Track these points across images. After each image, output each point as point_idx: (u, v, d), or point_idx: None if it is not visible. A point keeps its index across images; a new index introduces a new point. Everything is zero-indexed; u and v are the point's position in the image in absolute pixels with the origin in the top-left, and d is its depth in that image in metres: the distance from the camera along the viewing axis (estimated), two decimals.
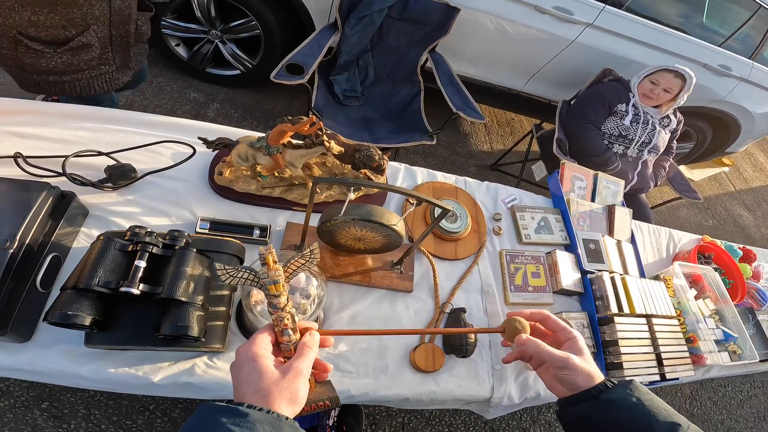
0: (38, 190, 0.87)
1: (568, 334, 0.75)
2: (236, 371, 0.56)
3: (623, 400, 0.64)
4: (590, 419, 0.66)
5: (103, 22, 1.47)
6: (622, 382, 0.67)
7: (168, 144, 1.19)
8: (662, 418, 0.62)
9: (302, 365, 0.56)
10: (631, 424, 0.63)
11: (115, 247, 0.80)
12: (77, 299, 0.75)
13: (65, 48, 1.42)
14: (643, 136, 2.37)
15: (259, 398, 0.51)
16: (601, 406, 0.65)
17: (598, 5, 2.44)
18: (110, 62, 1.56)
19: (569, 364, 0.69)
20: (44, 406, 1.55)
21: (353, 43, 2.29)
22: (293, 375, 0.54)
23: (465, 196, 1.47)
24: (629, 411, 0.63)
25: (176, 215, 1.09)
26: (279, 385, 0.52)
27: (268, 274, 0.60)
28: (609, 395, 0.65)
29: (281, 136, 1.02)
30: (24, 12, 1.29)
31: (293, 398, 0.53)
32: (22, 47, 1.37)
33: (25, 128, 1.11)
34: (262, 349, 0.57)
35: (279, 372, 0.54)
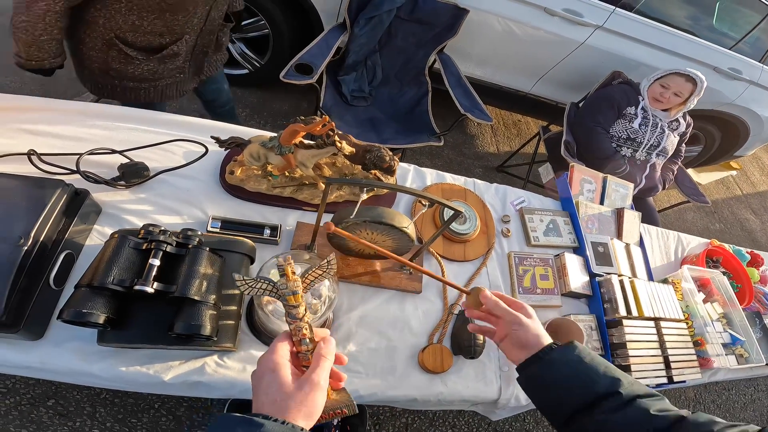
0: (53, 187, 0.88)
1: (520, 304, 0.84)
2: (257, 381, 0.56)
3: (565, 359, 0.74)
4: (541, 377, 0.75)
5: (195, 32, 1.51)
6: (565, 344, 0.76)
7: (179, 143, 1.20)
8: (603, 374, 0.71)
9: (319, 377, 0.56)
10: (574, 379, 0.72)
11: (130, 246, 0.80)
12: (91, 297, 0.75)
13: (157, 56, 1.45)
14: (651, 140, 2.36)
15: (276, 410, 0.51)
16: (547, 365, 0.74)
17: (609, 8, 2.43)
18: (185, 71, 1.60)
19: (521, 321, 0.79)
20: (50, 404, 1.55)
21: (362, 44, 2.29)
22: (310, 388, 0.54)
23: (474, 198, 1.47)
24: (572, 368, 0.72)
25: (188, 214, 1.10)
26: (296, 398, 0.53)
27: (287, 284, 0.61)
28: (553, 356, 0.74)
29: (293, 136, 1.02)
30: (130, 16, 1.31)
31: (309, 412, 0.53)
32: (114, 51, 1.39)
33: (38, 125, 1.12)
34: (282, 358, 0.57)
35: (296, 385, 0.54)
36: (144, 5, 1.30)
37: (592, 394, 0.69)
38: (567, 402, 0.71)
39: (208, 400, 1.71)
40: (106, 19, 1.31)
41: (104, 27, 1.33)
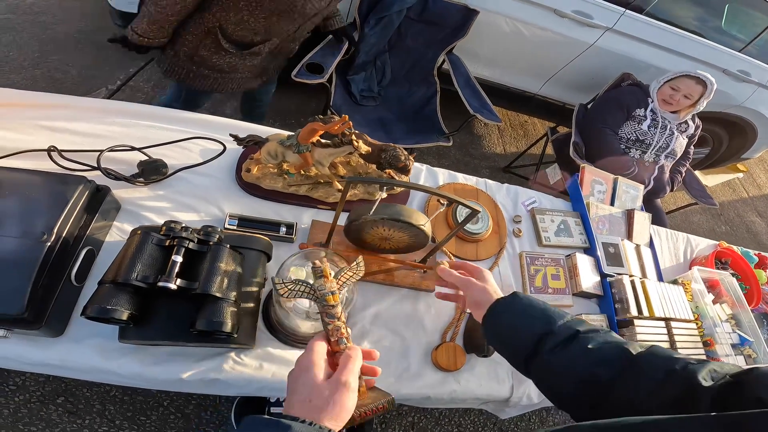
0: (75, 183, 0.88)
1: (477, 269, 0.93)
2: (292, 380, 0.57)
3: (509, 308, 0.80)
4: (493, 329, 0.82)
5: (283, 38, 1.58)
6: (508, 296, 0.82)
7: (196, 140, 1.21)
8: (540, 315, 0.76)
9: (347, 377, 0.56)
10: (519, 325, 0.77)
11: (153, 242, 0.81)
12: (115, 293, 0.75)
13: (245, 52, 1.53)
14: (660, 141, 2.36)
15: (305, 410, 0.52)
16: (496, 316, 0.81)
17: (619, 9, 2.43)
18: (254, 70, 1.67)
19: (470, 283, 0.88)
20: (60, 401, 1.55)
21: (371, 44, 2.30)
22: (337, 389, 0.54)
23: (486, 198, 1.48)
24: (515, 314, 0.79)
25: (205, 211, 1.11)
26: (324, 398, 0.53)
27: (325, 285, 0.61)
28: (498, 307, 0.81)
29: (312, 134, 1.03)
30: (242, 12, 1.38)
31: (338, 414, 0.53)
32: (210, 39, 1.46)
33: (57, 122, 1.12)
34: (318, 358, 0.58)
35: (326, 385, 0.55)
36: (264, 6, 1.37)
37: (534, 336, 0.73)
38: (518, 348, 0.76)
39: (216, 398, 1.71)
40: (219, 8, 1.38)
41: (214, 16, 1.40)
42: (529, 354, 0.73)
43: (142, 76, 2.57)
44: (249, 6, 1.37)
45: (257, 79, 1.77)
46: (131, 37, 1.40)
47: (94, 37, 2.65)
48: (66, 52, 2.52)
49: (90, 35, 2.65)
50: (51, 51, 2.47)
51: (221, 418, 1.69)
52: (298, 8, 1.42)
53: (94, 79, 2.44)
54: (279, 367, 0.96)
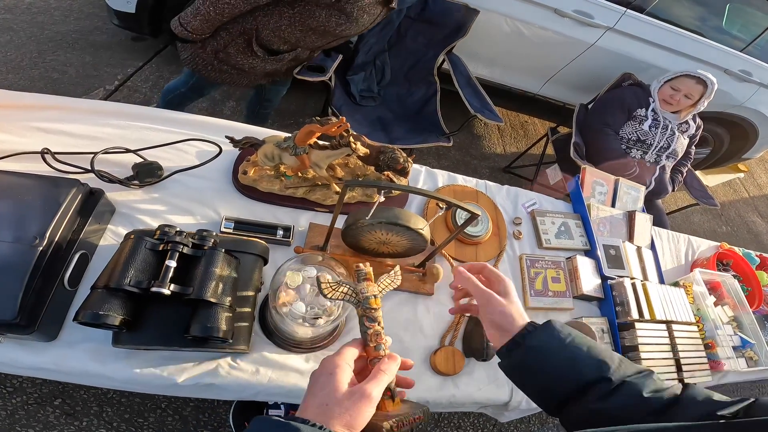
0: (68, 186, 0.87)
1: (499, 279, 0.76)
2: (313, 381, 0.55)
3: (545, 346, 0.66)
4: (522, 365, 0.68)
5: (308, 50, 1.64)
6: (542, 325, 0.68)
7: (192, 142, 1.19)
8: (588, 356, 0.64)
9: (373, 390, 0.53)
10: (559, 367, 0.65)
11: (146, 247, 0.79)
12: (108, 299, 0.75)
13: (270, 57, 1.58)
14: (661, 142, 2.35)
15: (320, 413, 0.50)
16: (527, 352, 0.66)
17: (620, 9, 2.42)
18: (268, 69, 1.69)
19: (491, 299, 0.71)
20: (57, 403, 1.54)
21: (371, 44, 2.29)
22: (359, 398, 0.51)
23: (486, 200, 1.46)
24: (554, 353, 0.65)
25: (201, 214, 1.09)
26: (342, 404, 0.50)
27: (367, 289, 0.61)
28: (531, 342, 0.66)
29: (309, 136, 1.01)
30: (282, 22, 1.44)
31: (351, 423, 0.50)
32: (242, 40, 1.51)
33: (51, 124, 1.11)
34: (344, 362, 0.56)
35: (348, 392, 0.52)
36: (305, 22, 1.43)
37: (579, 382, 0.63)
38: (555, 390, 0.66)
39: (215, 400, 1.70)
40: (263, 14, 1.43)
41: (255, 20, 1.45)
42: (567, 398, 0.65)
43: (140, 76, 2.56)
44: (292, 19, 1.42)
45: (267, 78, 1.78)
46: (180, 32, 1.44)
47: (92, 37, 2.64)
48: (64, 52, 2.51)
49: (88, 35, 2.64)
50: (48, 51, 2.45)
51: (219, 421, 1.68)
52: (335, 31, 1.48)
53: (91, 80, 2.42)
54: (275, 372, 0.95)
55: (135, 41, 2.71)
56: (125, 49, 2.66)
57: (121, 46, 2.65)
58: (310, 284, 0.89)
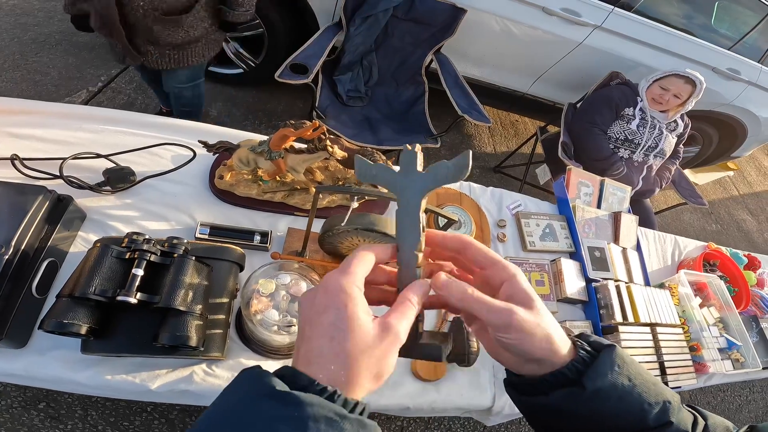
0: (34, 193, 0.86)
1: (504, 270, 0.44)
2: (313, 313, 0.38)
3: (615, 387, 0.43)
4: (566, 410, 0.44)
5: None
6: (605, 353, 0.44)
7: (168, 146, 1.17)
8: (653, 398, 0.45)
9: (402, 329, 0.39)
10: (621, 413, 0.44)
11: (112, 255, 0.78)
12: (73, 307, 0.73)
13: None
14: (649, 141, 2.34)
15: (338, 366, 0.35)
16: (586, 396, 0.42)
17: (607, 7, 2.41)
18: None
19: (514, 323, 0.41)
20: (41, 407, 1.53)
21: (357, 43, 2.27)
22: (392, 341, 0.38)
23: (469, 202, 1.45)
24: (621, 399, 0.44)
25: (176, 220, 1.08)
26: (371, 352, 0.36)
27: None
28: (597, 383, 0.42)
29: (283, 141, 0.99)
30: None
31: (380, 373, 0.38)
32: None
33: (22, 129, 1.09)
34: (356, 286, 0.39)
35: (375, 331, 0.37)
36: None
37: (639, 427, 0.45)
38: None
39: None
40: None
41: None
42: None
43: (124, 78, 2.53)
44: None
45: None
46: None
47: (76, 38, 2.61)
48: (47, 53, 2.48)
49: (71, 37, 2.61)
50: (31, 53, 2.42)
51: None
52: None
53: (75, 81, 2.40)
54: None
55: None
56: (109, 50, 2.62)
57: (104, 48, 2.61)
58: (284, 291, 0.87)
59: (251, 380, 0.35)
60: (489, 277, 0.45)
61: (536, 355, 0.43)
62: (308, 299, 0.39)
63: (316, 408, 0.32)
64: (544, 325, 0.42)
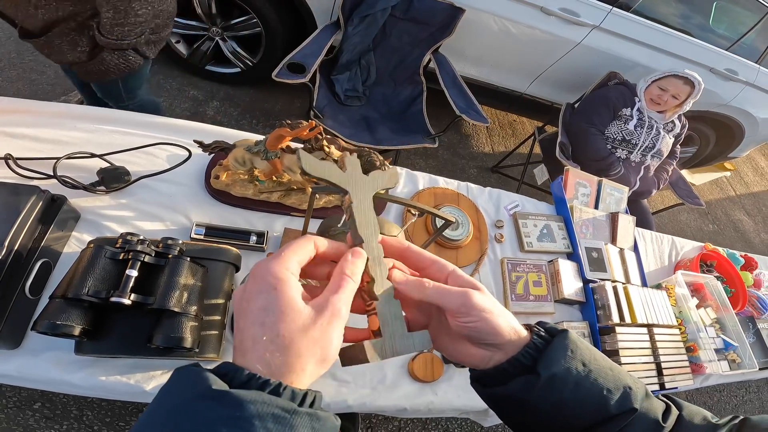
0: (27, 194, 0.85)
1: (443, 267, 0.46)
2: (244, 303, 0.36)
3: (569, 372, 0.44)
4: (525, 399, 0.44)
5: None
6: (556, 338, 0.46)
7: (163, 146, 1.16)
8: (612, 384, 0.45)
9: (341, 303, 0.37)
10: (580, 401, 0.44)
11: (106, 255, 0.77)
12: (66, 308, 0.73)
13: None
14: (647, 141, 2.34)
15: (273, 352, 0.33)
16: (542, 383, 0.43)
17: (606, 7, 2.41)
18: None
19: (472, 302, 0.42)
20: (36, 407, 1.53)
21: (355, 43, 2.26)
22: (329, 318, 0.36)
23: (467, 203, 1.45)
24: (578, 385, 0.44)
25: (171, 220, 1.07)
26: (308, 332, 0.34)
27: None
28: (552, 369, 0.43)
29: (279, 140, 0.99)
30: None
31: (324, 354, 0.35)
32: None
33: (17, 128, 1.08)
34: (288, 271, 0.37)
35: (310, 311, 0.36)
36: None
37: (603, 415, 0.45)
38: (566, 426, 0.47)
39: None
40: None
41: None
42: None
43: None
44: None
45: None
46: None
47: None
48: None
49: None
50: (27, 51, 2.41)
51: None
52: None
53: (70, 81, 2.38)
54: None
55: None
56: None
57: None
58: None
59: (188, 380, 0.32)
60: (431, 275, 0.46)
61: (499, 334, 0.44)
62: (239, 291, 0.38)
63: (260, 405, 0.30)
64: (500, 306, 0.45)
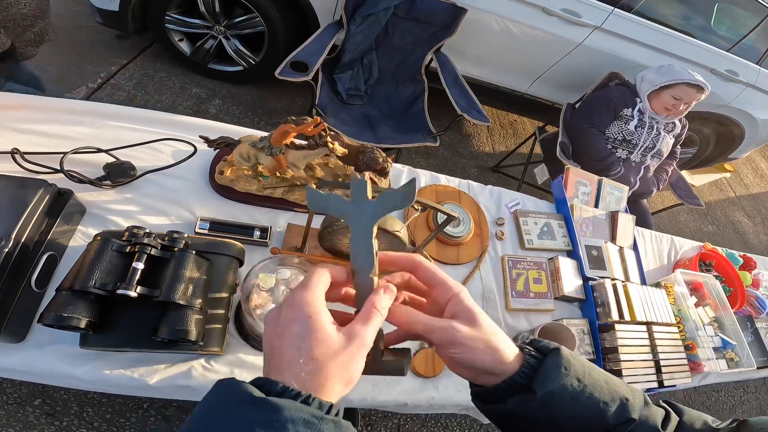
0: (35, 187, 0.86)
1: (448, 290, 0.48)
2: (280, 328, 0.41)
3: (565, 389, 0.47)
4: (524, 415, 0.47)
5: None
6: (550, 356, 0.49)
7: (168, 141, 1.17)
8: (609, 397, 0.48)
9: (368, 334, 0.41)
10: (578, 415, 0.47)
11: (113, 248, 0.78)
12: (73, 301, 0.73)
13: None
14: (647, 141, 2.35)
15: (308, 373, 0.37)
16: (538, 401, 0.46)
17: (607, 8, 2.42)
18: None
19: (456, 338, 0.45)
20: (37, 403, 1.53)
21: (358, 42, 2.27)
22: (358, 346, 0.40)
23: (468, 200, 1.46)
24: (572, 401, 0.47)
25: (175, 215, 1.08)
26: (338, 358, 0.38)
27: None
28: (547, 387, 0.46)
29: (284, 136, 1.00)
30: None
31: (349, 378, 0.39)
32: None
33: (24, 123, 1.09)
34: (320, 301, 0.41)
35: (341, 338, 0.40)
36: None
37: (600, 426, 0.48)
38: None
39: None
40: None
41: None
42: None
43: (123, 74, 2.53)
44: None
45: None
46: None
47: (76, 35, 2.61)
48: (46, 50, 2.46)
49: (72, 33, 2.61)
50: None
51: None
52: None
53: (74, 78, 2.39)
54: (250, 374, 0.93)
55: (119, 39, 2.69)
56: (109, 46, 2.63)
57: (105, 44, 2.62)
58: (284, 286, 0.88)
59: (228, 390, 0.36)
60: (436, 296, 0.49)
61: (483, 365, 0.47)
62: (274, 316, 0.42)
63: (293, 411, 0.34)
64: (487, 337, 0.47)
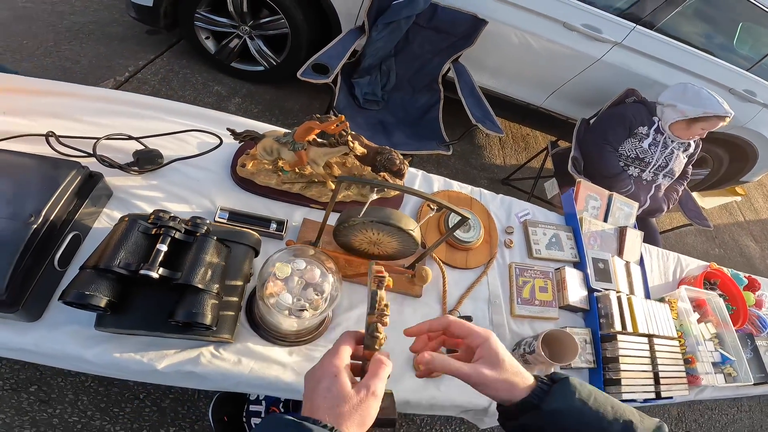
0: (68, 168, 0.89)
1: (476, 338, 0.65)
2: (314, 383, 0.56)
3: (569, 408, 0.60)
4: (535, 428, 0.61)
5: None
6: (559, 383, 0.62)
7: (195, 133, 1.22)
8: (612, 417, 0.60)
9: (376, 386, 0.55)
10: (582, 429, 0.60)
11: (139, 230, 0.81)
12: (95, 279, 0.75)
13: None
14: (660, 160, 2.35)
15: (332, 415, 0.52)
16: (546, 417, 0.59)
17: (629, 25, 2.42)
18: None
19: (481, 380, 0.62)
20: (32, 390, 1.52)
21: (378, 48, 2.31)
22: (366, 396, 0.54)
23: (479, 207, 1.48)
24: (577, 417, 0.59)
25: (197, 203, 1.11)
26: (352, 404, 0.53)
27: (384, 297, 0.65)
28: (553, 404, 0.59)
29: (308, 132, 1.03)
30: None
31: (363, 421, 0.53)
32: None
33: (59, 109, 1.14)
34: (343, 363, 0.57)
35: (354, 392, 0.54)
36: None
37: None
38: None
39: (195, 393, 1.69)
40: None
41: None
42: None
43: (150, 69, 2.60)
44: None
45: None
46: None
47: (109, 28, 2.68)
48: (79, 42, 2.54)
49: (104, 27, 2.68)
50: (64, 41, 2.49)
51: (198, 414, 1.67)
52: None
53: (103, 70, 2.46)
54: (257, 363, 0.95)
55: (149, 35, 2.76)
56: (139, 41, 2.70)
57: (135, 39, 2.69)
58: (298, 276, 0.91)
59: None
60: (468, 343, 0.66)
61: (501, 398, 0.62)
62: (311, 372, 0.58)
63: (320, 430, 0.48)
64: (505, 377, 0.62)
